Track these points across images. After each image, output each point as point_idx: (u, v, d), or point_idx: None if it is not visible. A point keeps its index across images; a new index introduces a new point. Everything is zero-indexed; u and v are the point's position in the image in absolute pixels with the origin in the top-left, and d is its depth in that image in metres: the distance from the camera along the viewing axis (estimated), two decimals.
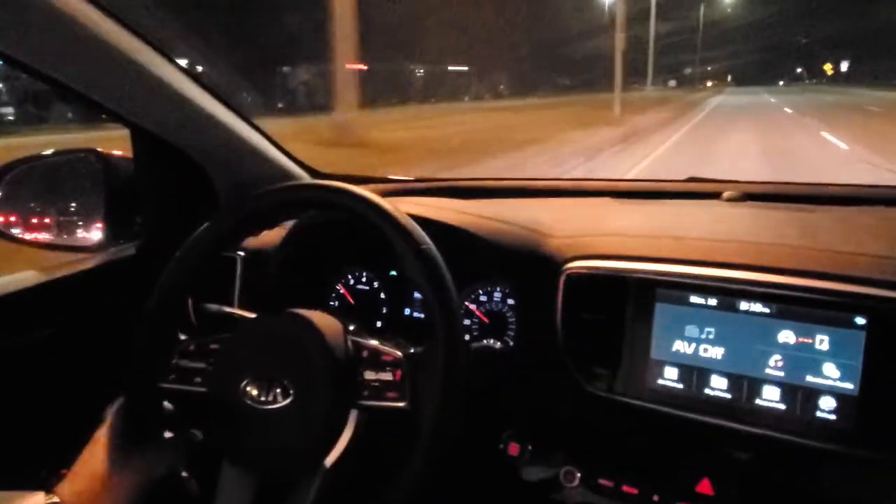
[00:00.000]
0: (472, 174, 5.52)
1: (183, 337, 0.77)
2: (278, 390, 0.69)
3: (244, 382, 0.69)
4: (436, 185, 1.25)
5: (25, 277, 0.96)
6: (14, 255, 1.14)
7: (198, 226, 0.78)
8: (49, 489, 0.64)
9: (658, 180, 1.25)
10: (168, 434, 0.76)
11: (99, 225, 1.11)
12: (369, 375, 0.69)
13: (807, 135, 12.31)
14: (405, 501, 0.62)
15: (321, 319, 0.73)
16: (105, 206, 1.11)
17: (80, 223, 1.15)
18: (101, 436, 0.72)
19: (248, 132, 1.09)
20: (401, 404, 0.66)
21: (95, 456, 0.70)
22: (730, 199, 1.08)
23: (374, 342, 0.70)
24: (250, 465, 0.70)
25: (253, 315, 0.81)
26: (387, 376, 0.68)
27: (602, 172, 8.12)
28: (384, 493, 0.62)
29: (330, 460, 0.69)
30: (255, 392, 0.69)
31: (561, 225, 0.97)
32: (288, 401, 0.68)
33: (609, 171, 8.11)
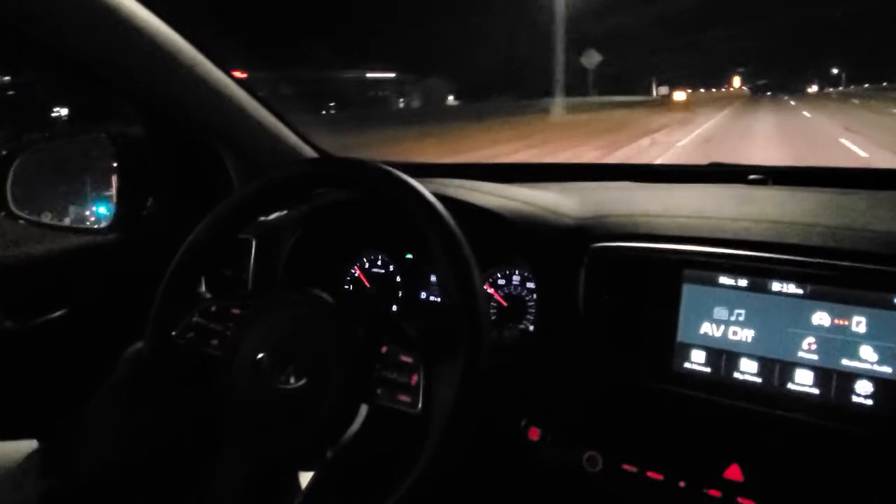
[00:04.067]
0: None
1: (207, 295, 0.77)
2: (292, 370, 0.67)
3: (260, 356, 0.67)
4: (457, 169, 1.23)
5: (40, 258, 0.95)
6: (28, 236, 1.13)
7: (210, 206, 0.77)
8: (49, 437, 0.63)
9: (680, 165, 1.22)
10: (178, 392, 0.74)
11: (111, 206, 1.10)
12: (385, 374, 0.67)
13: None
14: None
15: (347, 306, 0.71)
16: (117, 188, 1.09)
17: (93, 205, 1.14)
18: (111, 387, 0.71)
19: (260, 112, 1.08)
20: (412, 411, 0.64)
21: (102, 406, 0.69)
22: (755, 182, 1.05)
23: (394, 341, 0.68)
24: (252, 441, 0.68)
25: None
26: (402, 378, 0.66)
27: None
28: (385, 495, 0.60)
29: (332, 452, 0.67)
30: (269, 368, 0.67)
31: (583, 206, 0.94)
32: (301, 383, 0.66)
33: None
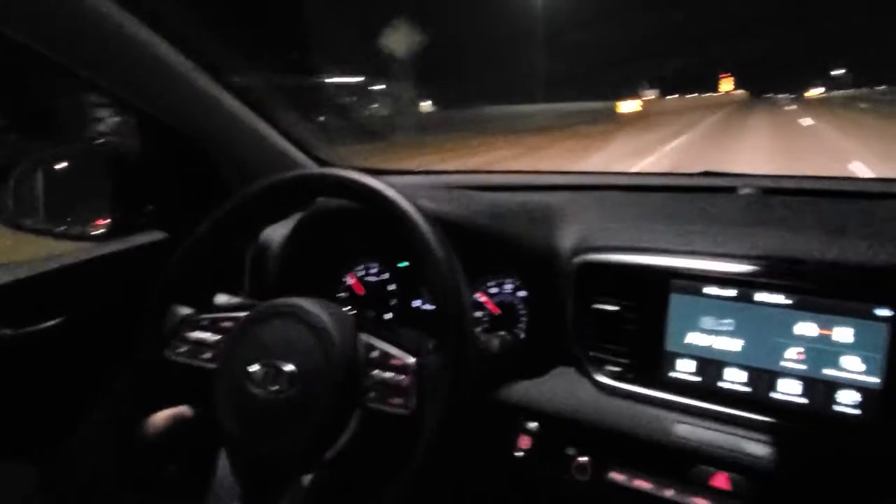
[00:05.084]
0: None
1: (196, 311, 0.78)
2: (285, 378, 0.68)
3: (252, 365, 0.68)
4: (449, 179, 1.24)
5: (35, 267, 0.96)
6: (24, 244, 1.14)
7: (206, 215, 0.78)
8: (47, 464, 0.64)
9: (672, 174, 1.23)
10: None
11: (108, 214, 1.11)
12: (377, 377, 0.68)
13: None
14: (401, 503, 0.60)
15: (336, 313, 0.72)
16: (113, 196, 1.10)
17: (90, 213, 1.14)
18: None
19: (256, 121, 1.09)
20: (404, 411, 0.65)
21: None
22: (746, 194, 1.06)
23: (385, 344, 0.69)
24: (248, 451, 0.69)
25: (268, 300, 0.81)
26: (394, 380, 0.67)
27: None
28: (379, 495, 0.61)
29: (328, 457, 0.68)
30: (261, 377, 0.68)
31: (573, 217, 0.95)
32: (293, 391, 0.67)
33: None
